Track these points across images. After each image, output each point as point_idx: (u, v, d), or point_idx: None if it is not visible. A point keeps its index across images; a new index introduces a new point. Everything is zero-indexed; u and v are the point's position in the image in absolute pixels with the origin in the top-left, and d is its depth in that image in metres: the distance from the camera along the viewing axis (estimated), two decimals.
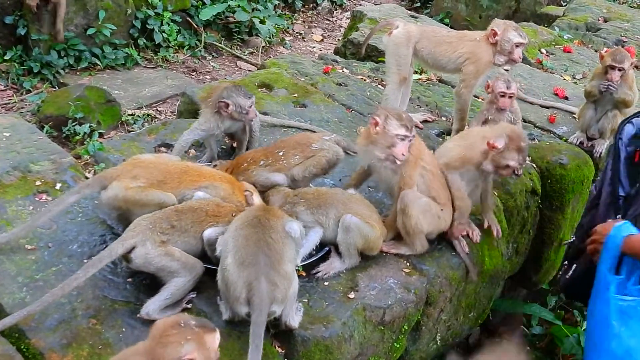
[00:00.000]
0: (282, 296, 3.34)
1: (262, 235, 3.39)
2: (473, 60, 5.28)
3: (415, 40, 5.42)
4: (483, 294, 4.82)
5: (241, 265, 3.31)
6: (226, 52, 10.61)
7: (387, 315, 3.88)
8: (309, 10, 12.83)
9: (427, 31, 5.56)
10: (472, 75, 5.29)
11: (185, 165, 4.14)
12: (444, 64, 5.45)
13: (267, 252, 3.34)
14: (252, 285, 3.27)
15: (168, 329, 2.74)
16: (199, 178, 4.01)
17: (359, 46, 7.57)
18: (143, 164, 4.02)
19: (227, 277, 3.34)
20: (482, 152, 4.25)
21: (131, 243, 3.52)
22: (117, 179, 3.88)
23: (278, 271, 3.32)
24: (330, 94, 6.10)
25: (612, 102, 5.55)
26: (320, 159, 4.46)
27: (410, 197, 4.06)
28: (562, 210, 5.59)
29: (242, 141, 4.99)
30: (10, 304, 3.50)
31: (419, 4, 13.40)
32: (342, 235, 3.96)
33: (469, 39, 5.40)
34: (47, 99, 8.05)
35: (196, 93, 5.68)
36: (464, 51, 5.32)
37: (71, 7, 8.86)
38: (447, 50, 5.37)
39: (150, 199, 3.84)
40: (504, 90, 5.03)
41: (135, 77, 9.28)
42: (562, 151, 5.56)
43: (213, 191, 3.97)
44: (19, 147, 4.73)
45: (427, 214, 4.13)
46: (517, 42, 5.19)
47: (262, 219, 3.48)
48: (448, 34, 5.59)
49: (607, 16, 9.19)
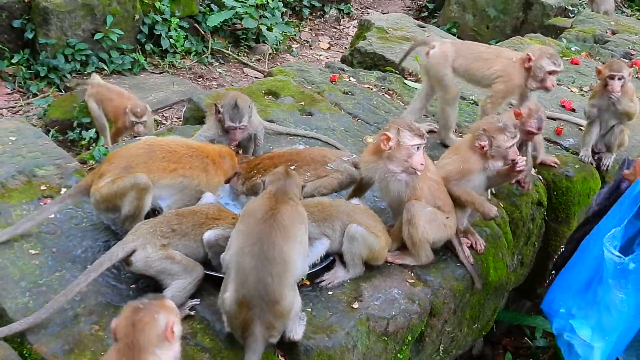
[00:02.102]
0: (279, 332, 3.36)
1: (263, 264, 3.26)
2: (505, 80, 5.26)
3: (452, 59, 5.45)
4: (487, 306, 4.79)
5: (240, 304, 3.27)
6: (233, 58, 10.63)
7: (390, 326, 3.86)
8: (316, 18, 12.85)
9: (462, 49, 5.57)
10: (500, 93, 5.28)
11: (151, 147, 4.10)
12: (479, 79, 5.47)
13: (266, 287, 3.24)
14: (247, 325, 3.27)
15: (133, 317, 2.70)
16: (168, 165, 4.01)
17: (366, 55, 7.59)
18: (107, 158, 4.07)
19: (225, 308, 3.35)
20: (478, 159, 4.28)
21: (132, 247, 3.53)
22: (92, 184, 3.94)
23: (275, 312, 3.27)
24: (337, 102, 6.09)
25: (616, 115, 5.50)
26: (333, 180, 4.41)
27: (416, 207, 4.05)
28: (568, 222, 5.57)
29: (248, 149, 5.00)
30: (13, 309, 3.49)
31: (427, 14, 13.43)
32: (347, 244, 3.94)
33: (505, 57, 5.39)
34: (53, 103, 8.09)
35: (202, 99, 5.69)
36: (498, 69, 5.30)
37: (79, 12, 8.91)
38: (482, 67, 5.37)
39: (122, 186, 3.85)
40: (554, 68, 5.09)
41: (142, 82, 9.31)
42: (568, 163, 5.55)
43: (187, 180, 4.02)
44: (24, 151, 4.73)
45: (434, 224, 4.11)
46: (550, 70, 5.15)
47: (267, 229, 3.35)
48: (486, 50, 5.56)
49: (615, 28, 9.17)
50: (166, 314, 2.73)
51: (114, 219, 4.07)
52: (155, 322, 2.68)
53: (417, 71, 6.98)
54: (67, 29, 8.87)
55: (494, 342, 6.14)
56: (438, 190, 4.21)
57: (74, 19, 8.88)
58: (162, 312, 2.72)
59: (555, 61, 5.16)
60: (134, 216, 3.90)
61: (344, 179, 4.44)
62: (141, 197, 3.87)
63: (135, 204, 3.87)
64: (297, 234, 3.40)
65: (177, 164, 4.02)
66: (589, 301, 3.92)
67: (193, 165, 4.07)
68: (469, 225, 4.54)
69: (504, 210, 4.94)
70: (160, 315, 2.71)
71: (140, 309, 2.71)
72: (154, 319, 2.68)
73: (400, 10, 13.52)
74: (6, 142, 4.81)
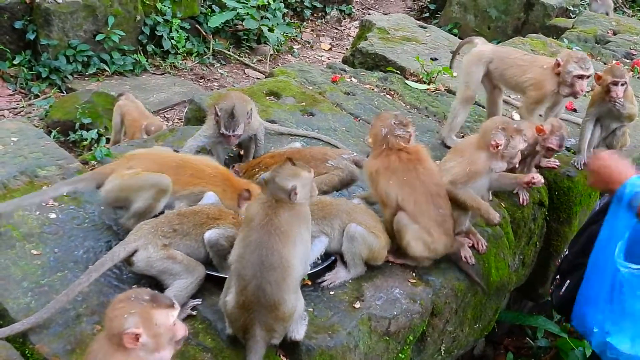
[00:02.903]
0: (281, 334, 3.37)
1: (261, 272, 3.25)
2: (537, 87, 5.22)
3: (488, 61, 5.47)
4: (489, 306, 4.79)
5: (241, 307, 3.28)
6: (234, 59, 10.65)
7: (392, 326, 3.86)
8: (318, 19, 12.86)
9: (501, 52, 5.58)
10: (532, 100, 5.24)
11: (180, 158, 4.26)
12: (513, 87, 5.48)
13: (265, 294, 3.23)
14: (248, 328, 3.28)
15: (117, 303, 2.67)
16: (192, 180, 4.08)
17: (367, 55, 7.58)
18: (138, 156, 4.15)
19: (227, 311, 3.37)
20: (485, 159, 4.25)
21: (133, 247, 3.54)
22: (113, 172, 4.00)
23: (275, 316, 3.27)
24: (338, 102, 6.09)
25: (619, 119, 5.43)
26: (333, 177, 4.42)
27: (405, 221, 4.03)
28: (569, 222, 5.56)
29: (249, 149, 5.00)
30: (15, 309, 3.50)
31: (428, 14, 13.43)
32: (346, 244, 3.94)
33: (539, 64, 5.34)
34: (55, 104, 8.11)
35: (204, 100, 5.69)
36: (530, 76, 5.27)
37: (80, 13, 8.92)
38: (515, 74, 5.36)
39: (145, 180, 3.92)
40: (581, 72, 5.02)
41: (143, 83, 9.32)
42: (569, 163, 5.53)
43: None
44: (26, 151, 4.73)
45: (419, 242, 4.07)
46: (577, 75, 5.06)
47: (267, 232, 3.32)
48: (522, 57, 5.50)
49: (617, 29, 9.16)
50: (135, 320, 2.59)
51: (116, 219, 4.09)
52: (122, 320, 2.59)
53: (419, 71, 6.98)
54: (69, 30, 8.88)
55: (495, 342, 6.14)
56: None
57: (76, 20, 8.90)
58: (135, 315, 2.60)
59: (582, 65, 5.06)
60: (142, 215, 3.93)
61: (345, 176, 4.45)
62: (158, 199, 3.93)
63: (149, 203, 3.92)
64: (298, 237, 3.36)
65: (201, 180, 4.10)
66: (618, 313, 3.89)
67: (214, 183, 4.13)
68: (471, 226, 4.53)
69: (506, 210, 4.93)
70: (130, 317, 2.59)
71: (128, 299, 2.66)
72: (123, 317, 2.59)
73: (402, 11, 13.53)
74: (8, 142, 4.82)
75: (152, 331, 2.64)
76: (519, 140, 4.24)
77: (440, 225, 4.10)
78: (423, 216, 4.05)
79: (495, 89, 5.67)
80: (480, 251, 4.49)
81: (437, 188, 4.13)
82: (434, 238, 4.08)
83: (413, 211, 4.03)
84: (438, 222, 4.10)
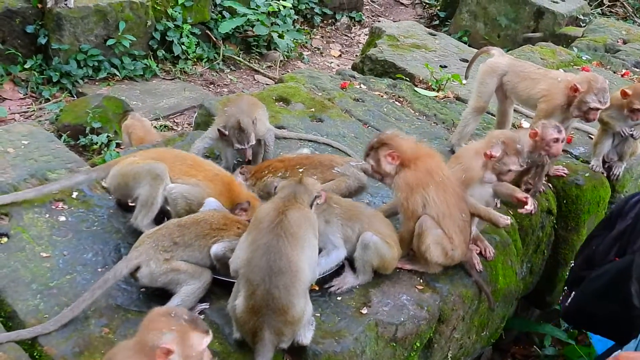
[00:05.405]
0: (290, 338, 3.38)
1: (270, 276, 3.26)
2: (547, 99, 5.16)
3: (502, 73, 5.45)
4: (496, 313, 4.79)
5: (250, 311, 3.29)
6: (244, 65, 10.67)
7: (399, 332, 3.86)
8: (328, 26, 12.88)
9: (516, 65, 5.52)
10: (542, 113, 5.14)
11: (185, 154, 4.35)
12: (525, 100, 5.44)
13: (274, 299, 3.25)
14: (257, 332, 3.29)
15: (157, 316, 2.73)
16: (190, 170, 4.15)
17: (377, 62, 7.60)
18: (146, 152, 4.33)
19: (236, 315, 3.37)
20: (480, 167, 4.25)
21: (135, 263, 3.55)
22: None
23: (284, 320, 3.28)
24: (347, 109, 6.11)
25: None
26: (340, 184, 4.41)
27: (429, 224, 4.03)
28: (578, 231, 5.56)
29: (257, 154, 5.01)
30: (24, 311, 3.52)
31: (438, 22, 13.42)
32: (359, 251, 3.93)
33: (551, 77, 5.30)
34: (65, 108, 8.14)
35: (214, 105, 5.71)
36: (542, 88, 5.22)
37: (91, 18, 8.96)
38: (527, 87, 5.32)
39: (140, 167, 4.05)
40: (556, 135, 4.68)
41: (154, 88, 9.35)
42: (578, 172, 5.53)
43: (196, 189, 4.08)
44: (36, 155, 4.77)
45: (439, 247, 4.08)
46: (593, 107, 4.97)
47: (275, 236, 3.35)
48: (536, 71, 5.43)
49: (626, 38, 9.16)
50: (172, 337, 2.67)
51: (125, 222, 4.11)
52: (159, 334, 2.66)
53: (428, 79, 6.99)
54: (80, 34, 8.92)
55: (502, 350, 6.13)
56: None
57: (87, 24, 8.93)
58: (173, 333, 2.67)
59: (601, 99, 4.95)
60: (148, 207, 4.02)
61: (352, 183, 4.44)
62: (154, 186, 4.00)
63: (148, 192, 4.00)
64: (306, 239, 3.39)
65: (198, 172, 4.15)
66: None
67: (213, 180, 4.16)
68: (478, 232, 4.54)
69: (514, 217, 4.93)
70: (168, 334, 2.67)
71: (169, 315, 2.73)
72: (161, 332, 2.67)
73: (411, 18, 13.53)
74: (19, 145, 4.85)
75: (185, 352, 2.71)
76: (513, 161, 4.24)
77: (461, 232, 4.12)
78: (449, 219, 4.06)
79: (507, 99, 5.62)
80: (487, 258, 4.49)
81: (461, 192, 4.17)
82: (454, 245, 4.09)
83: (440, 214, 4.02)
84: (460, 228, 4.11)
